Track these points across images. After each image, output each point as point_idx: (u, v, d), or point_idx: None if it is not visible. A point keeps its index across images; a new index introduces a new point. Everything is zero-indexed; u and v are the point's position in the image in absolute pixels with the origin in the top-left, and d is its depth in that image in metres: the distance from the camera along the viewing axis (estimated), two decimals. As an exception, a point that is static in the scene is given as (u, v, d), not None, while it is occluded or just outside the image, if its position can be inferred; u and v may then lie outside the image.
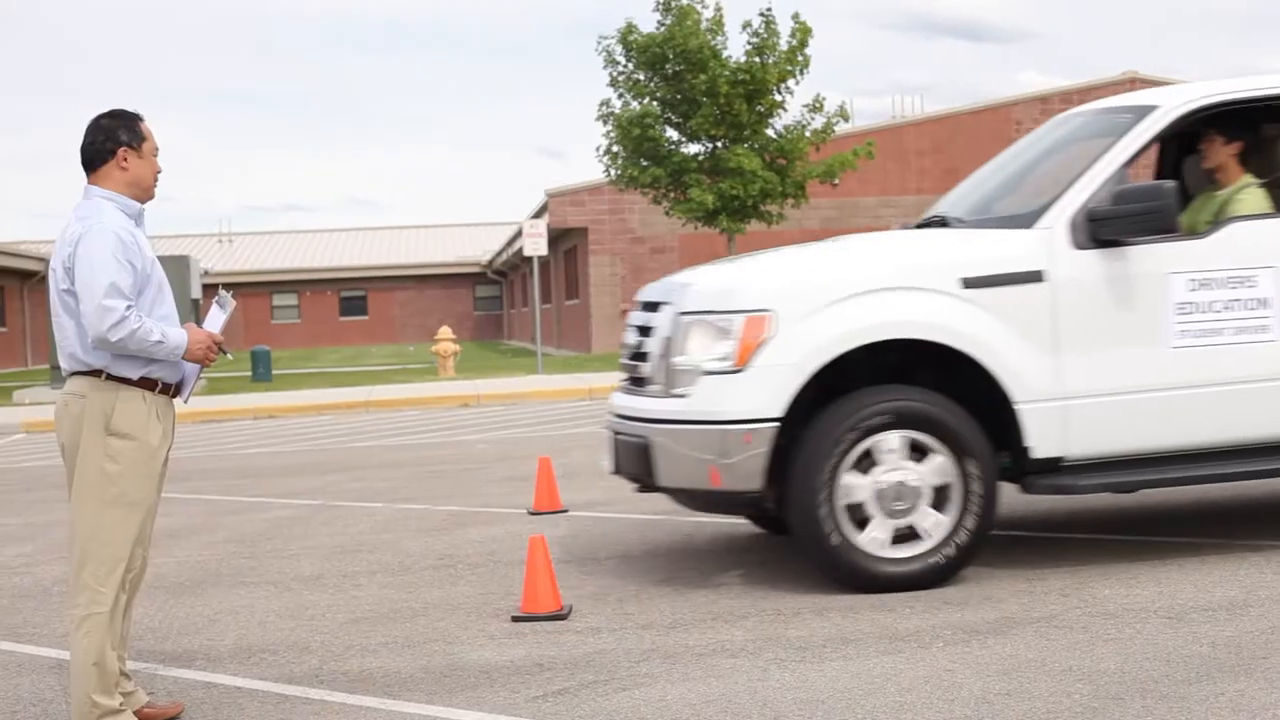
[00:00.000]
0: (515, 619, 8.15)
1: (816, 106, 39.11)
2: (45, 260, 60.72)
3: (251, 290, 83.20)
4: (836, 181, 40.21)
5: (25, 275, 67.25)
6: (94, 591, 6.16)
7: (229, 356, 6.64)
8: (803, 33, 38.53)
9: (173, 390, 6.34)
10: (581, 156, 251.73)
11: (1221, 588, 8.05)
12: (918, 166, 48.84)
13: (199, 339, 6.27)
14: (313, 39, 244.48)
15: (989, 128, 49.12)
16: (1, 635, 8.54)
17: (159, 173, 6.36)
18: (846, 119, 39.04)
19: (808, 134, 38.73)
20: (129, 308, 6.05)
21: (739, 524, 11.03)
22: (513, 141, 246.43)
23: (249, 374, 39.58)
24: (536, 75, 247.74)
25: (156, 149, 6.35)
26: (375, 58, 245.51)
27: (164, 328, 6.16)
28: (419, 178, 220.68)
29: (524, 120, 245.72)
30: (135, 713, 6.35)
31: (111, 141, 6.22)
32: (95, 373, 6.18)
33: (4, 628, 8.77)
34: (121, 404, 6.18)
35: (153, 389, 6.24)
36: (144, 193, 6.32)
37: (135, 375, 6.21)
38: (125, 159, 6.22)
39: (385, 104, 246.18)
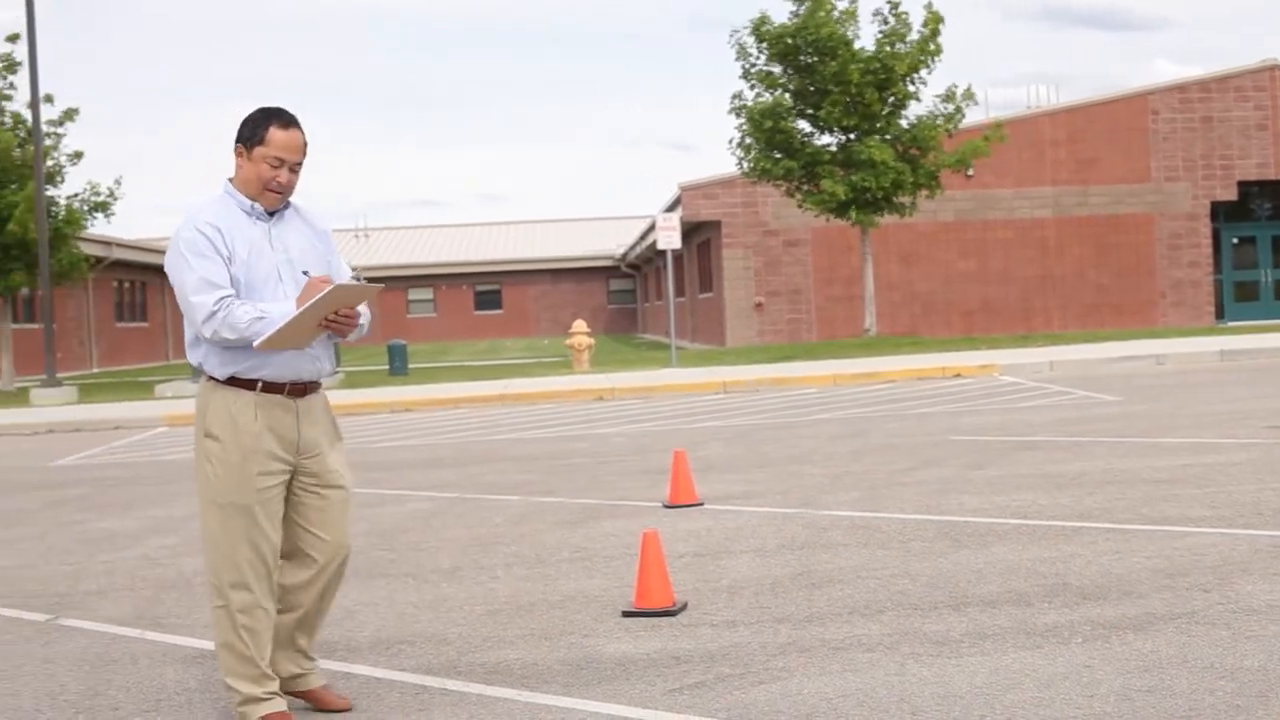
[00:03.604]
0: (626, 614, 8.17)
1: (949, 97, 38.92)
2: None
3: (388, 285, 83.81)
4: (970, 172, 39.98)
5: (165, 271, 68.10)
6: (213, 587, 6.27)
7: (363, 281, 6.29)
8: (934, 21, 38.37)
9: (285, 389, 6.24)
10: (710, 149, 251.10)
11: (1368, 583, 7.91)
12: (1053, 157, 48.31)
13: (313, 285, 6.07)
14: (441, 38, 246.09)
15: (1125, 117, 48.53)
16: (146, 626, 8.67)
17: (270, 178, 6.19)
18: (973, 100, 38.74)
19: (939, 122, 38.52)
20: (220, 299, 6.06)
21: (877, 515, 11.00)
22: (640, 135, 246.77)
23: (385, 368, 39.92)
24: (663, 69, 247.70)
25: (274, 156, 6.18)
26: (503, 54, 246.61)
27: (265, 305, 6.09)
28: (547, 172, 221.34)
29: (651, 114, 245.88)
30: (306, 694, 6.49)
31: (237, 137, 6.26)
32: (200, 372, 6.31)
33: (148, 618, 8.90)
34: (213, 404, 6.22)
35: (252, 388, 6.20)
36: (255, 192, 6.24)
37: (223, 375, 6.20)
38: (239, 155, 6.24)
39: (513, 100, 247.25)
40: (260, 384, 6.19)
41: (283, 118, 6.25)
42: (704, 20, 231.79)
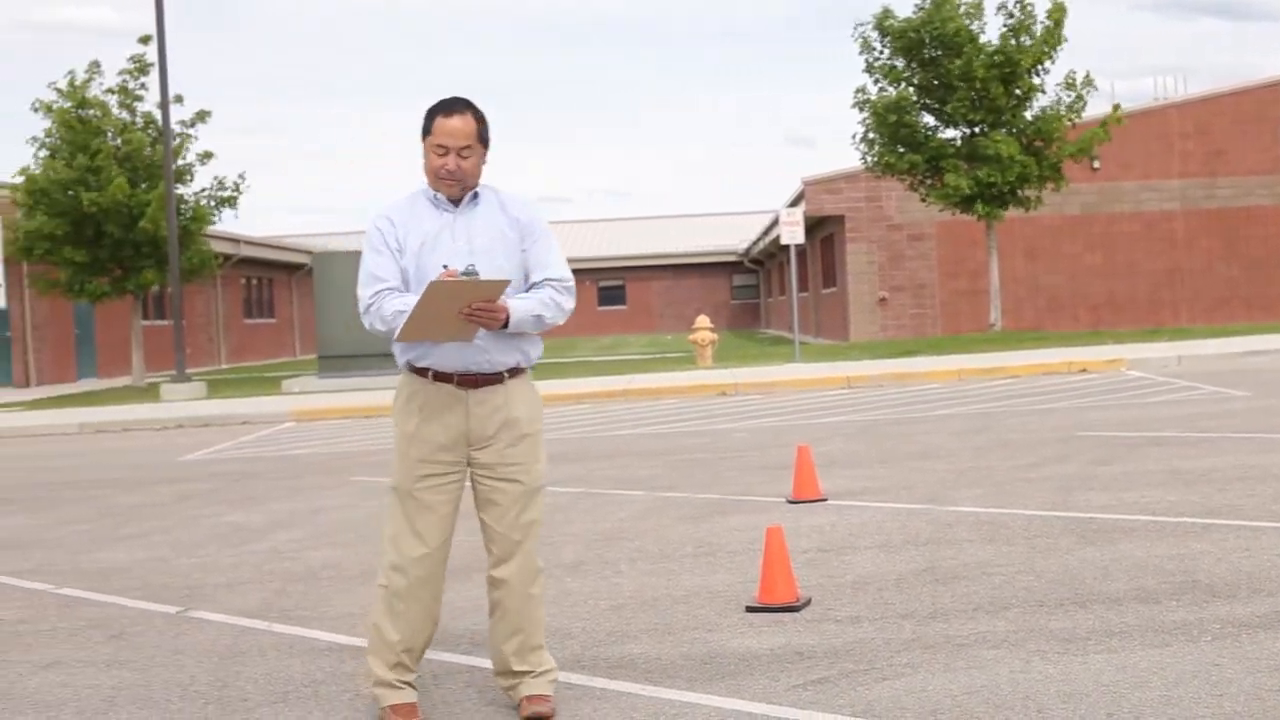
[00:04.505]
0: (749, 609, 8.16)
1: (1069, 84, 38.63)
2: (310, 253, 62.19)
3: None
4: (1096, 164, 39.65)
5: (293, 268, 69.01)
6: (380, 566, 6.42)
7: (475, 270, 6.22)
8: (1058, 13, 38.10)
9: (455, 380, 6.27)
10: (832, 144, 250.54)
11: None
12: (1180, 149, 47.75)
13: (433, 283, 5.97)
14: (566, 34, 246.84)
15: (1254, 109, 47.90)
16: (274, 618, 8.77)
17: (439, 166, 6.26)
18: (1094, 87, 38.40)
19: (1062, 112, 38.26)
20: (377, 293, 6.18)
21: (1002, 512, 10.93)
22: (761, 130, 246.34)
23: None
24: (782, 64, 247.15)
25: (438, 144, 6.25)
26: (625, 51, 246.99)
27: (410, 298, 6.14)
28: (669, 168, 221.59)
29: (771, 109, 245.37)
30: (518, 703, 6.43)
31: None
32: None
33: (276, 611, 9.00)
34: (398, 390, 6.42)
35: (425, 376, 6.29)
36: (433, 182, 6.33)
37: (401, 361, 6.36)
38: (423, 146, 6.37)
39: (633, 96, 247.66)
40: (431, 373, 6.28)
41: (447, 106, 6.31)
42: (829, 15, 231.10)
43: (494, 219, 6.35)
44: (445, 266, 6.18)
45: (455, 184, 6.29)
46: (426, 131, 6.29)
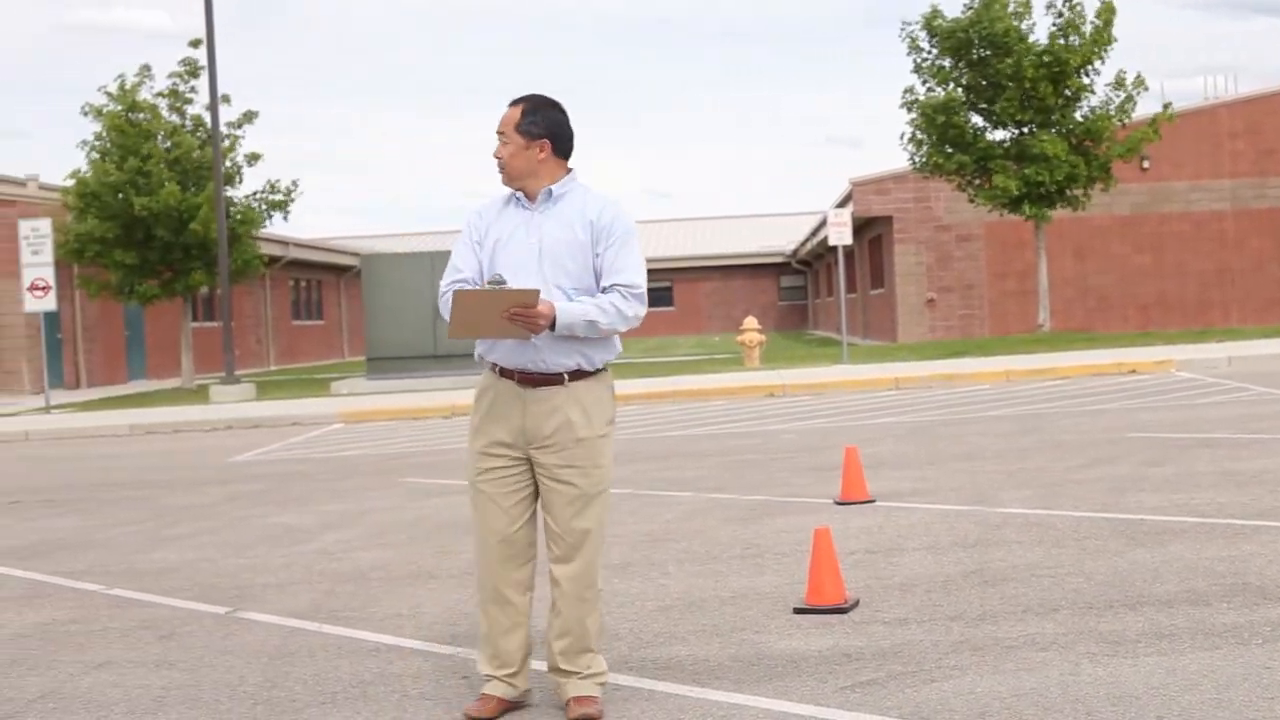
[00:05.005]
0: (797, 611, 8.15)
1: (1120, 84, 38.47)
2: (359, 255, 62.43)
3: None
4: (1146, 164, 39.47)
5: (341, 270, 69.25)
6: None
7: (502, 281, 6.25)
8: (1107, 12, 37.94)
9: (516, 377, 6.35)
10: (879, 145, 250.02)
11: None
12: (1231, 149, 47.49)
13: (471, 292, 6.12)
14: (608, 36, 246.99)
15: (1307, 108, 47.60)
16: (323, 619, 8.80)
17: (500, 159, 6.40)
18: (1144, 87, 38.23)
19: (1111, 112, 38.12)
20: (450, 284, 6.36)
21: (1051, 513, 10.90)
22: (806, 131, 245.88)
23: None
24: (826, 64, 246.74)
25: (501, 135, 6.41)
26: (665, 52, 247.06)
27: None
28: (714, 169, 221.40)
29: (821, 109, 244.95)
30: (565, 704, 6.48)
31: None
32: None
33: (325, 611, 9.03)
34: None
35: (494, 370, 6.42)
36: (504, 178, 6.48)
37: (476, 354, 6.51)
38: None
39: (681, 97, 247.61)
40: (498, 368, 6.40)
41: (512, 100, 6.48)
42: (876, 15, 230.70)
43: (569, 219, 6.39)
44: (498, 273, 6.29)
45: (502, 173, 6.44)
46: (499, 129, 6.45)
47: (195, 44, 38.15)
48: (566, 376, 6.35)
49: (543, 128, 6.38)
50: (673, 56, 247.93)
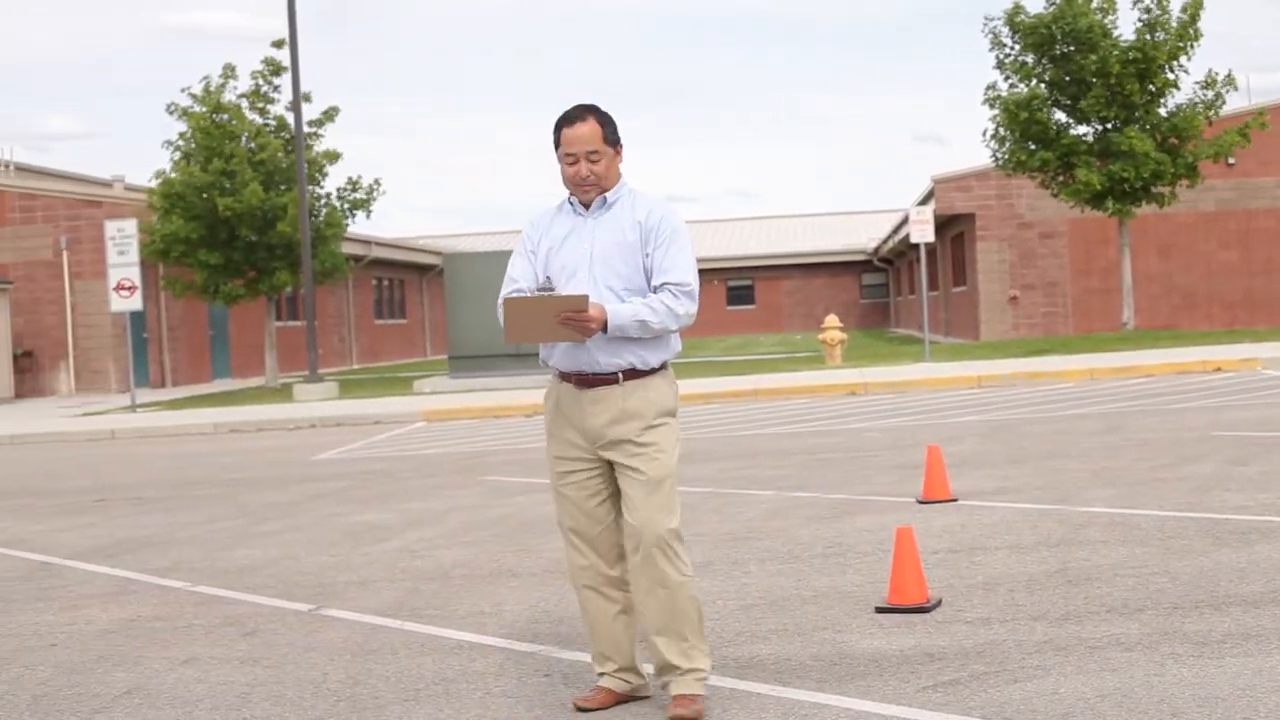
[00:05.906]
0: (879, 610, 8.12)
1: (1209, 83, 38.15)
2: (441, 254, 62.69)
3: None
4: (1232, 161, 39.12)
5: (423, 269, 69.56)
6: None
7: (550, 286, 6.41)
8: (1194, 7, 37.62)
9: (573, 379, 6.40)
10: (962, 142, 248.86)
11: None
12: (1321, 144, 46.99)
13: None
14: (684, 34, 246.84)
15: (1399, 102, 47.02)
16: (405, 617, 8.84)
17: (571, 175, 6.41)
18: (1234, 86, 37.89)
19: (1199, 110, 37.79)
20: (509, 292, 6.38)
21: (1135, 513, 10.82)
22: (888, 128, 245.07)
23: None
24: (909, 62, 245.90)
25: (567, 154, 6.39)
26: (747, 51, 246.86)
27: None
28: (796, 167, 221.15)
29: (898, 107, 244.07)
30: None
31: None
32: None
33: (407, 609, 9.07)
34: None
35: (556, 373, 6.50)
36: (569, 189, 6.50)
37: (540, 358, 6.57)
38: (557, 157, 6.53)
39: (758, 95, 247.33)
40: (559, 372, 6.49)
41: (569, 116, 6.44)
42: (957, 12, 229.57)
43: (620, 222, 6.44)
44: (549, 278, 6.41)
45: (593, 188, 6.43)
46: (556, 144, 6.47)
47: (278, 44, 38.39)
48: (621, 376, 6.37)
49: (616, 134, 6.49)
50: (752, 56, 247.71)
